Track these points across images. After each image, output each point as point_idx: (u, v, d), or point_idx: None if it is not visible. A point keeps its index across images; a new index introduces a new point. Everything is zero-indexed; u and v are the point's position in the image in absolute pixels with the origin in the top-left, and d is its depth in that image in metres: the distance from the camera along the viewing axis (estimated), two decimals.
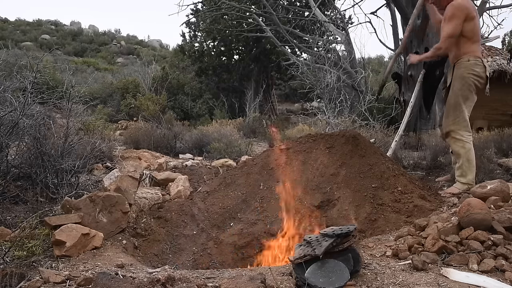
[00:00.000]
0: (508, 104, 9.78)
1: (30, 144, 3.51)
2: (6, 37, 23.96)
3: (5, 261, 2.25)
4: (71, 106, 4.00)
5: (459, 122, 3.57)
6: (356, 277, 2.12)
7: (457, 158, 3.65)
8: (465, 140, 3.57)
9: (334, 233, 2.11)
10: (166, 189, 4.19)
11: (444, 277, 2.08)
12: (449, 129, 3.61)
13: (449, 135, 3.63)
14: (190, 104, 12.17)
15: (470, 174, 3.57)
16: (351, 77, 9.20)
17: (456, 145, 3.60)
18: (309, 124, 8.19)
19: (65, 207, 2.82)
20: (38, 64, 3.66)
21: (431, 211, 3.07)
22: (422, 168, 5.07)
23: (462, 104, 3.57)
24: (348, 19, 12.97)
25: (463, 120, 3.57)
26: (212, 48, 14.14)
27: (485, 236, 2.28)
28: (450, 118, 3.60)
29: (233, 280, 1.97)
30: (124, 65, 23.19)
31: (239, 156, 5.83)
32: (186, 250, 3.24)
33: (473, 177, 3.57)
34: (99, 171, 4.49)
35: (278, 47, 11.43)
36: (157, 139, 6.45)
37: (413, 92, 4.90)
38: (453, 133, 3.59)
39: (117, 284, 1.92)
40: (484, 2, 9.03)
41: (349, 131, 3.95)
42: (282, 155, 3.91)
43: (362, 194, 3.28)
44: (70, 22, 34.59)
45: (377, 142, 5.44)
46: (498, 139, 5.83)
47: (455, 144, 3.61)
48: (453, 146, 3.63)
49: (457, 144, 3.59)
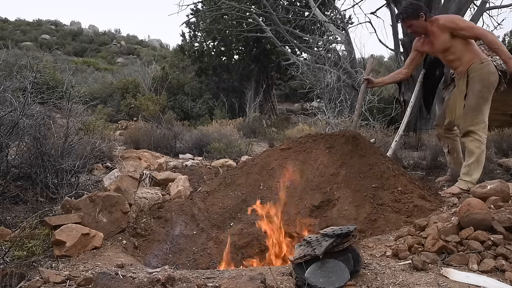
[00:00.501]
0: (508, 104, 9.78)
1: (30, 144, 3.51)
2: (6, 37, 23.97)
3: (5, 261, 2.25)
4: (71, 106, 4.00)
5: (478, 123, 3.58)
6: (356, 277, 2.12)
7: (468, 156, 3.64)
8: (482, 141, 3.59)
9: (334, 233, 2.11)
10: (166, 189, 4.19)
11: (444, 277, 2.08)
12: (469, 129, 3.60)
13: (468, 134, 3.62)
14: (190, 104, 12.18)
15: (476, 174, 3.59)
16: (351, 77, 9.20)
17: (472, 144, 3.60)
18: (309, 124, 8.20)
19: (65, 207, 2.82)
20: (38, 64, 3.66)
21: (431, 211, 3.07)
22: (422, 168, 5.07)
23: (483, 106, 3.59)
24: (348, 19, 12.99)
25: (482, 121, 3.59)
26: (212, 48, 14.15)
27: (485, 236, 2.28)
28: (469, 119, 3.60)
29: (233, 280, 1.97)
30: (124, 65, 23.20)
31: (239, 156, 5.83)
32: (186, 250, 3.24)
33: (478, 178, 3.58)
34: (99, 171, 4.49)
35: (278, 47, 11.43)
36: (157, 139, 6.46)
37: (413, 92, 4.91)
38: (472, 133, 3.59)
39: (117, 284, 1.92)
40: (484, 2, 9.03)
41: (349, 131, 3.95)
42: (282, 155, 3.91)
43: (362, 194, 3.29)
44: (70, 22, 34.64)
45: (377, 142, 5.44)
46: (498, 139, 5.84)
47: (472, 143, 3.60)
48: (469, 144, 3.62)
49: (474, 144, 3.59)
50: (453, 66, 3.80)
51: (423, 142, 6.34)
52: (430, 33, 3.71)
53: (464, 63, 3.65)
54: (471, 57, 3.62)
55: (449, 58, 3.75)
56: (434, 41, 3.73)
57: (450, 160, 4.13)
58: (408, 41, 8.11)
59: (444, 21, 3.61)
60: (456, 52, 3.66)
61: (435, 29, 3.65)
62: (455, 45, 3.63)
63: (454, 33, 3.58)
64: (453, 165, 4.07)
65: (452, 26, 3.57)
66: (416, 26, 3.73)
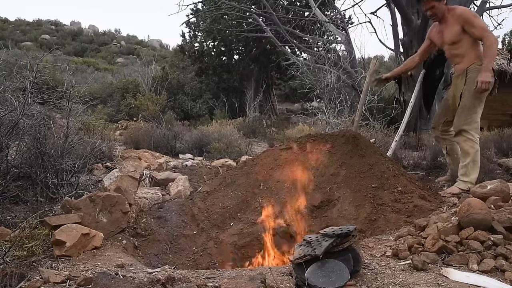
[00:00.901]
0: (508, 104, 9.80)
1: (30, 144, 3.51)
2: (6, 37, 23.94)
3: (5, 261, 2.25)
4: (71, 106, 4.00)
5: (471, 122, 3.60)
6: (356, 277, 2.12)
7: (464, 157, 3.67)
8: (475, 141, 3.61)
9: (334, 233, 2.11)
10: (166, 189, 4.19)
11: (444, 277, 2.08)
12: (462, 128, 3.62)
13: (460, 134, 3.65)
14: (190, 104, 12.17)
15: (473, 174, 3.61)
16: (351, 77, 9.20)
17: (466, 144, 3.62)
18: (309, 124, 8.20)
19: (65, 207, 2.82)
20: (38, 64, 3.66)
21: (431, 211, 3.07)
22: (422, 168, 5.07)
23: (477, 107, 3.61)
24: (348, 19, 12.98)
25: (474, 122, 3.61)
26: (212, 48, 14.14)
27: (485, 236, 2.28)
28: (462, 118, 3.62)
29: (233, 280, 1.98)
30: (124, 65, 23.18)
31: (239, 156, 5.83)
32: (186, 250, 3.24)
33: (476, 177, 3.60)
34: (99, 171, 4.49)
35: (278, 47, 11.43)
36: (157, 139, 6.46)
37: (413, 92, 4.90)
38: (464, 132, 3.61)
39: (117, 284, 1.92)
40: (484, 2, 9.03)
41: (349, 131, 3.95)
42: (282, 155, 3.91)
43: (362, 194, 3.29)
44: (70, 22, 34.59)
45: (377, 142, 5.44)
46: (498, 139, 5.84)
47: (465, 143, 3.62)
48: (463, 144, 3.65)
49: (468, 143, 3.61)
50: (455, 61, 3.79)
51: (423, 142, 6.34)
52: (444, 20, 3.68)
53: (465, 61, 3.65)
54: (473, 57, 3.61)
55: (454, 52, 3.73)
56: (445, 30, 3.69)
57: (449, 161, 4.13)
58: (408, 41, 8.11)
59: (460, 12, 3.57)
60: (462, 48, 3.64)
61: (450, 18, 3.63)
62: (464, 40, 3.60)
63: (465, 28, 3.55)
64: (452, 165, 4.07)
65: (466, 20, 3.53)
66: (437, 9, 3.66)
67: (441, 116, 4.08)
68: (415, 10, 8.08)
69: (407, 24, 8.16)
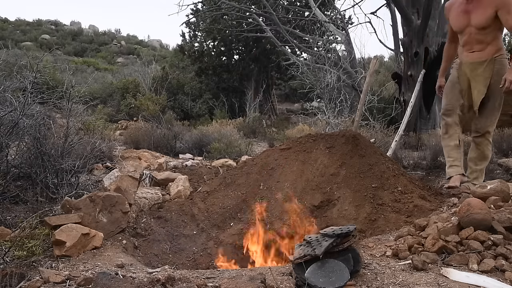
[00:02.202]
0: (508, 104, 9.76)
1: (30, 144, 3.51)
2: (6, 37, 23.91)
3: (5, 261, 2.25)
4: (71, 106, 4.00)
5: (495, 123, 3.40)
6: (356, 277, 2.12)
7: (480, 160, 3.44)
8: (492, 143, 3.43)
9: (334, 233, 2.11)
10: (166, 189, 4.19)
11: (444, 277, 2.08)
12: (488, 129, 3.39)
13: (485, 136, 3.42)
14: (190, 104, 12.17)
15: (482, 178, 3.52)
16: (351, 77, 9.21)
17: (487, 148, 3.44)
18: (309, 124, 8.20)
19: (65, 207, 2.82)
20: (38, 64, 3.66)
21: (431, 211, 3.07)
22: (422, 168, 5.08)
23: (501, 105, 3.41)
24: (348, 19, 12.97)
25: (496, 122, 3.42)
26: (212, 48, 14.13)
27: (485, 236, 2.28)
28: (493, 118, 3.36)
29: (233, 280, 1.98)
30: (124, 65, 23.16)
31: (239, 156, 5.83)
32: (186, 250, 3.24)
33: None
34: (99, 171, 4.49)
35: (278, 47, 11.43)
36: (157, 139, 6.46)
37: (413, 92, 4.91)
38: (488, 135, 3.40)
39: (117, 284, 1.92)
40: None
41: (349, 131, 3.95)
42: (282, 155, 3.91)
43: (362, 194, 3.29)
44: (70, 22, 34.56)
45: (377, 142, 5.44)
46: (498, 139, 5.83)
47: (487, 147, 3.42)
48: (484, 148, 3.42)
49: (488, 147, 3.44)
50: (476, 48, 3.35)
51: (423, 142, 6.33)
52: None
53: (489, 50, 3.29)
54: (497, 47, 3.30)
55: (478, 38, 3.31)
56: (474, 11, 3.25)
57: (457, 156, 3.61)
58: (408, 41, 8.11)
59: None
60: (490, 35, 3.26)
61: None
62: (492, 27, 3.23)
63: (499, 13, 3.12)
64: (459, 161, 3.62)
65: (504, 4, 3.11)
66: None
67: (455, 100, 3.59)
68: (415, 10, 8.08)
69: (407, 24, 8.15)
